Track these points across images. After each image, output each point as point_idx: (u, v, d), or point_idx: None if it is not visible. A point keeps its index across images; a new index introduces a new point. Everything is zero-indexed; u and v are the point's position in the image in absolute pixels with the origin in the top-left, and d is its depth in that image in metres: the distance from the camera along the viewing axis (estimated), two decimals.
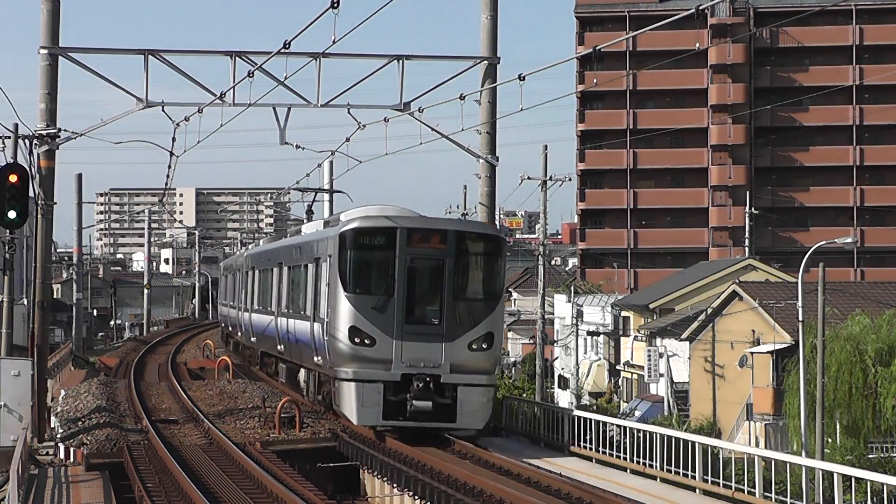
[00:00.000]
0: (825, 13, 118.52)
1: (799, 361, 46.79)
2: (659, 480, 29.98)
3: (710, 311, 69.17)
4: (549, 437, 35.48)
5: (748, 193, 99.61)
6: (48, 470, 30.04)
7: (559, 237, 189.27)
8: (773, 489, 26.94)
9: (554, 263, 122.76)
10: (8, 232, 36.44)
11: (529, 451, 34.20)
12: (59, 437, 34.00)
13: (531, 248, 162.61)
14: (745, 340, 66.11)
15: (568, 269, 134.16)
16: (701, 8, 22.56)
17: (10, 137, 37.49)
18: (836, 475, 25.61)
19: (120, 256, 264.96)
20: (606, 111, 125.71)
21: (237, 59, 37.48)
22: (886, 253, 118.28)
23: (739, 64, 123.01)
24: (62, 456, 31.42)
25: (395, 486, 28.96)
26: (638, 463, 31.10)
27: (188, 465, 29.25)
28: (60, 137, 35.94)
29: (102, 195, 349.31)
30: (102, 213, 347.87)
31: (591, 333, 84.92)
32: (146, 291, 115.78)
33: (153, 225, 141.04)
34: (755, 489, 27.28)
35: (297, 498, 24.56)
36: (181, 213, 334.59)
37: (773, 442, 59.04)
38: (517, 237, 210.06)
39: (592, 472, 30.95)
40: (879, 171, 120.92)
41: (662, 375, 73.14)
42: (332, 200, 68.91)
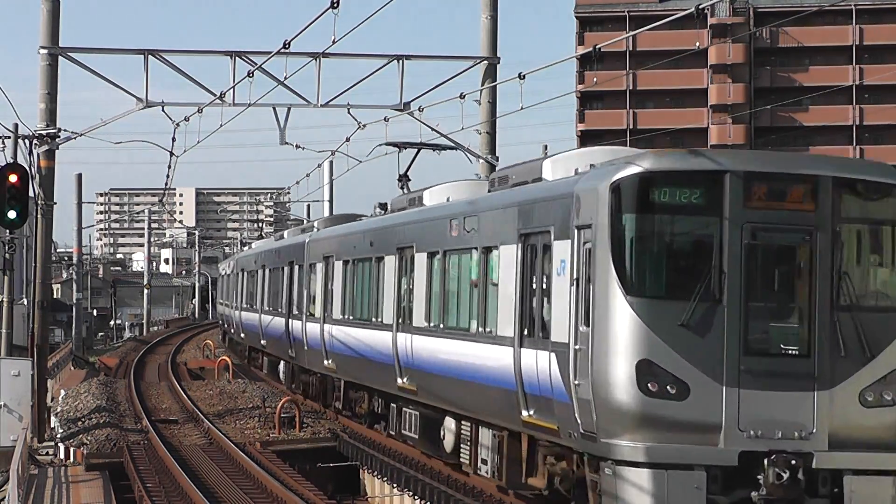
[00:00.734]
0: (825, 13, 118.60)
1: None
2: None
3: None
4: None
5: None
6: (48, 470, 30.01)
7: None
8: None
9: None
10: (8, 232, 36.49)
11: None
12: (59, 437, 33.98)
13: None
14: None
15: None
16: (701, 7, 22.52)
17: (10, 137, 37.55)
18: None
19: (120, 256, 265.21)
20: (606, 111, 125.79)
21: (237, 59, 37.46)
22: None
23: (739, 64, 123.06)
24: (62, 456, 31.39)
25: (395, 486, 28.92)
26: None
27: (188, 465, 29.23)
28: (60, 137, 35.91)
29: (102, 195, 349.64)
30: (102, 213, 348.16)
31: None
32: (146, 291, 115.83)
33: (153, 225, 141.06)
34: None
35: (296, 498, 24.53)
36: (181, 213, 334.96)
37: None
38: None
39: None
40: None
41: None
42: (331, 201, 68.98)
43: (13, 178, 32.07)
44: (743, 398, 17.74)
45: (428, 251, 25.96)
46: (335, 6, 23.34)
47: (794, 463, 17.59)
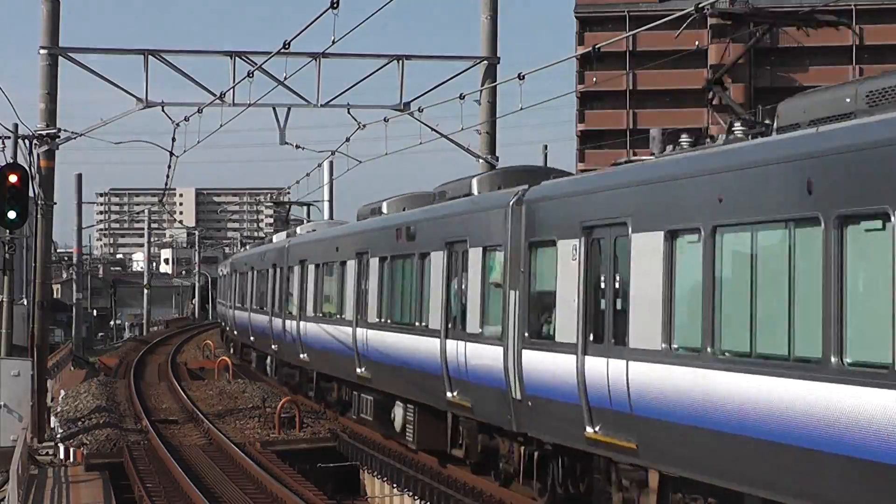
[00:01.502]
0: (825, 13, 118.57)
1: None
2: None
3: None
4: None
5: None
6: (48, 470, 30.02)
7: None
8: None
9: None
10: (8, 232, 36.48)
11: None
12: (59, 437, 33.99)
13: None
14: None
15: None
16: (700, 7, 22.51)
17: (9, 137, 37.56)
18: None
19: (120, 256, 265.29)
20: (606, 111, 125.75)
21: (237, 59, 37.44)
22: None
23: (739, 64, 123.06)
24: (62, 456, 31.40)
25: (395, 486, 28.94)
26: None
27: (188, 465, 29.25)
28: (60, 137, 35.90)
29: (102, 195, 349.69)
30: (102, 213, 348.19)
31: None
32: (146, 291, 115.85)
33: (153, 225, 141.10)
34: None
35: (296, 498, 24.55)
36: (181, 213, 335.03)
37: None
38: None
39: None
40: None
41: None
42: (331, 201, 68.98)
43: (13, 178, 32.09)
44: None
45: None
46: (335, 6, 23.35)
47: None
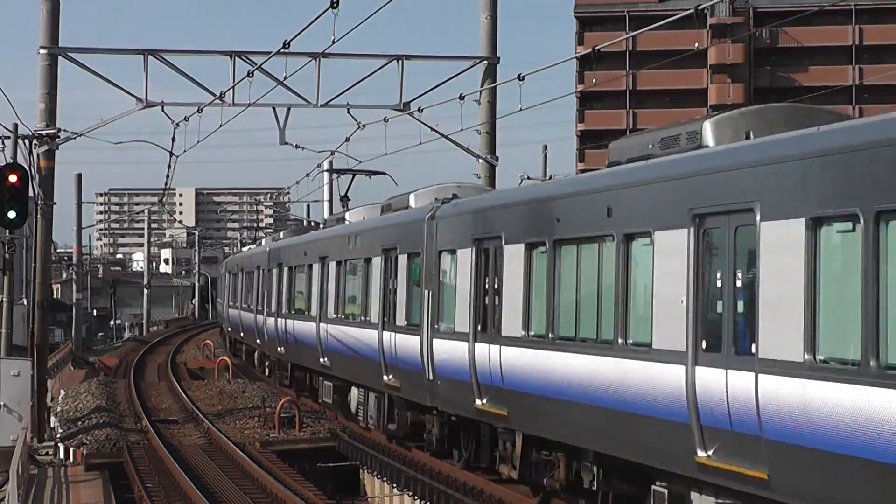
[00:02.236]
0: (825, 13, 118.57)
1: None
2: None
3: None
4: None
5: None
6: (48, 470, 30.03)
7: None
8: None
9: None
10: (8, 232, 36.46)
11: None
12: (58, 437, 33.99)
13: None
14: None
15: None
16: (700, 8, 22.50)
17: (9, 137, 37.55)
18: None
19: (120, 256, 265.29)
20: (606, 111, 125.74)
21: (237, 59, 37.44)
22: None
23: (739, 64, 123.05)
24: (62, 456, 31.41)
25: (395, 486, 28.93)
26: None
27: (188, 464, 29.25)
28: (60, 137, 35.91)
29: (102, 195, 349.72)
30: (102, 213, 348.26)
31: None
32: (146, 291, 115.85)
33: (153, 225, 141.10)
34: None
35: (296, 498, 24.55)
36: (181, 213, 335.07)
37: None
38: None
39: None
40: None
41: None
42: (331, 201, 68.97)
43: (13, 178, 32.07)
44: None
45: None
46: (335, 6, 23.35)
47: None
